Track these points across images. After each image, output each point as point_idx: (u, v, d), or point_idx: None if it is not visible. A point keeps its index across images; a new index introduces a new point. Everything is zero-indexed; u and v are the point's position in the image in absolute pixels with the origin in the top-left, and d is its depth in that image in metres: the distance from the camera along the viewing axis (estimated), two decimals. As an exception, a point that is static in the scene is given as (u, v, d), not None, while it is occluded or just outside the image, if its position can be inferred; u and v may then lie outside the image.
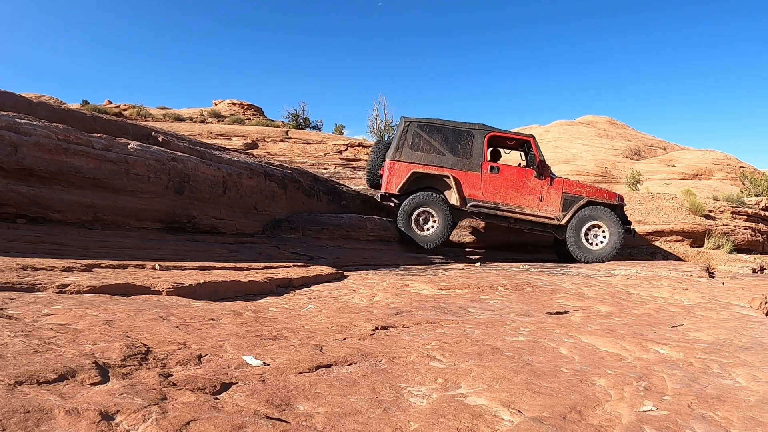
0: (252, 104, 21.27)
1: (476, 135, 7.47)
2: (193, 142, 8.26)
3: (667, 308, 3.62)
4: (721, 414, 1.54)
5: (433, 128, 7.56)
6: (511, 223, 7.48)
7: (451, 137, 7.51)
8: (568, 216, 7.28)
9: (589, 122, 34.32)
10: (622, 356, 2.23)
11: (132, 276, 3.37)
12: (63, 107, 7.99)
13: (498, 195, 7.41)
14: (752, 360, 2.19)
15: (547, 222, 7.37)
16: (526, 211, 7.38)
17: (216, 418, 1.23)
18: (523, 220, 7.43)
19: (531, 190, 7.40)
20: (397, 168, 7.51)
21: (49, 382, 1.34)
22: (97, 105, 17.85)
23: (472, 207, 7.40)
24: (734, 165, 25.47)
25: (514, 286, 4.39)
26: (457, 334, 2.50)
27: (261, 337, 2.15)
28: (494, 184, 7.41)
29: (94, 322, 2.11)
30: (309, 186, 8.85)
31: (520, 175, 7.47)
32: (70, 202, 5.22)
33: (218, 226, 6.74)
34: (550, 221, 7.35)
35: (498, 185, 7.41)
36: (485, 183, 7.42)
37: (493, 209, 7.38)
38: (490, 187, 7.41)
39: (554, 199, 7.36)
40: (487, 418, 1.42)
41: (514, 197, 7.40)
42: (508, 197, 7.40)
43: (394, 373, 1.81)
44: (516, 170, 7.57)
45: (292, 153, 12.86)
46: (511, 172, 7.52)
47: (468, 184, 7.42)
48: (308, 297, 3.71)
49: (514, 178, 7.44)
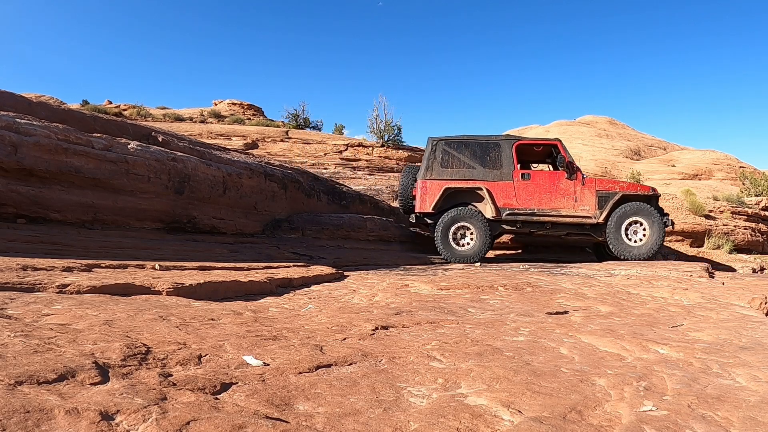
0: (252, 104, 21.27)
1: (503, 145, 7.49)
2: (193, 142, 8.26)
3: (667, 308, 3.62)
4: (721, 414, 1.54)
5: (460, 144, 7.60)
6: (548, 228, 7.41)
7: (479, 150, 7.54)
8: (605, 213, 7.21)
9: (589, 122, 34.32)
10: (622, 356, 2.23)
11: (132, 276, 3.37)
12: (63, 107, 7.99)
13: (532, 201, 7.37)
14: (752, 360, 2.19)
15: (585, 222, 7.29)
16: (562, 213, 7.32)
17: (216, 418, 1.23)
18: (560, 223, 7.36)
19: (564, 191, 7.36)
20: (429, 186, 7.53)
21: (49, 382, 1.34)
22: (97, 105, 17.86)
23: (508, 216, 7.36)
24: (734, 165, 25.46)
25: (514, 286, 4.39)
26: (457, 334, 2.50)
27: (261, 337, 2.15)
28: (527, 191, 7.39)
29: (94, 322, 2.11)
30: (309, 186, 8.86)
31: (552, 178, 7.44)
32: (70, 202, 5.22)
33: (218, 226, 6.74)
34: (587, 221, 7.28)
35: (531, 191, 7.39)
36: (518, 191, 7.40)
37: (529, 215, 7.33)
38: (523, 194, 7.39)
39: (589, 198, 7.31)
40: (487, 418, 1.42)
41: (548, 201, 7.35)
42: (542, 202, 7.36)
43: (394, 373, 1.81)
44: (547, 174, 7.56)
45: (292, 153, 12.87)
46: (543, 176, 7.50)
47: (501, 194, 7.41)
48: (308, 297, 3.71)
49: (546, 182, 7.41)
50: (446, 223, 7.41)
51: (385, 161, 13.34)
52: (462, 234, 7.44)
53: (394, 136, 14.32)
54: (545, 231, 7.49)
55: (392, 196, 10.59)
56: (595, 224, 7.31)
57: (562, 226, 7.44)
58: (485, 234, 7.34)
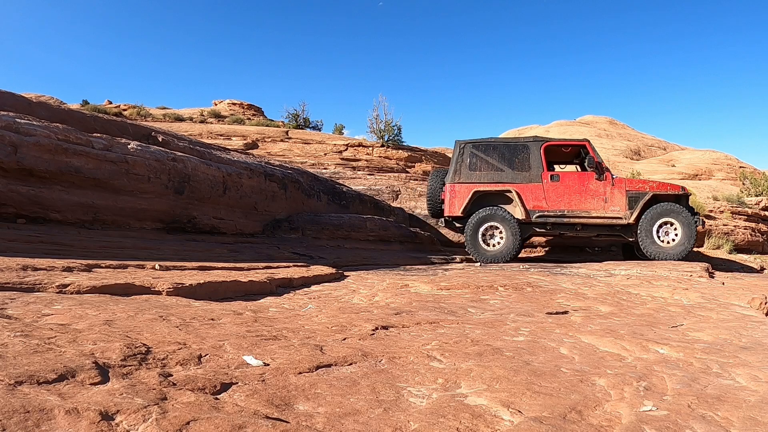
0: (252, 104, 21.27)
1: (532, 147, 7.46)
2: (193, 142, 8.26)
3: (667, 308, 3.62)
4: (721, 414, 1.54)
5: (488, 147, 7.58)
6: (578, 230, 7.35)
7: (507, 153, 7.51)
8: (636, 213, 7.13)
9: (589, 122, 34.33)
10: (622, 356, 2.23)
11: (132, 276, 3.37)
12: (63, 107, 7.99)
13: (562, 202, 7.32)
14: (752, 360, 2.19)
15: (615, 223, 7.22)
16: (593, 214, 7.25)
17: (216, 418, 1.23)
18: (590, 225, 7.30)
19: (594, 192, 7.29)
20: (458, 190, 7.51)
21: (49, 382, 1.34)
22: (97, 105, 17.85)
23: (538, 218, 7.31)
24: (734, 165, 25.47)
25: (514, 286, 4.39)
26: (457, 334, 2.50)
27: (261, 337, 2.15)
28: (557, 192, 7.34)
29: (94, 322, 2.11)
30: (309, 186, 8.86)
31: (581, 179, 7.38)
32: (70, 202, 5.22)
33: (218, 226, 6.74)
34: (617, 221, 7.20)
35: (561, 193, 7.33)
36: (548, 192, 7.35)
37: (559, 217, 7.28)
38: (553, 196, 7.34)
39: (619, 199, 7.24)
40: (487, 418, 1.42)
41: (578, 202, 7.29)
42: (572, 203, 7.30)
43: (394, 373, 1.81)
44: (576, 175, 7.50)
45: (292, 153, 12.86)
46: (572, 177, 7.44)
47: (530, 196, 7.37)
48: (308, 297, 3.71)
49: (575, 183, 7.36)
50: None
51: (385, 161, 13.34)
52: (491, 234, 7.40)
53: (394, 136, 14.32)
54: (575, 233, 7.42)
55: (392, 196, 10.59)
56: (626, 225, 7.23)
57: (592, 228, 7.37)
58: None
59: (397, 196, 10.62)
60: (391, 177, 11.63)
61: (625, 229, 7.32)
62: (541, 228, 7.43)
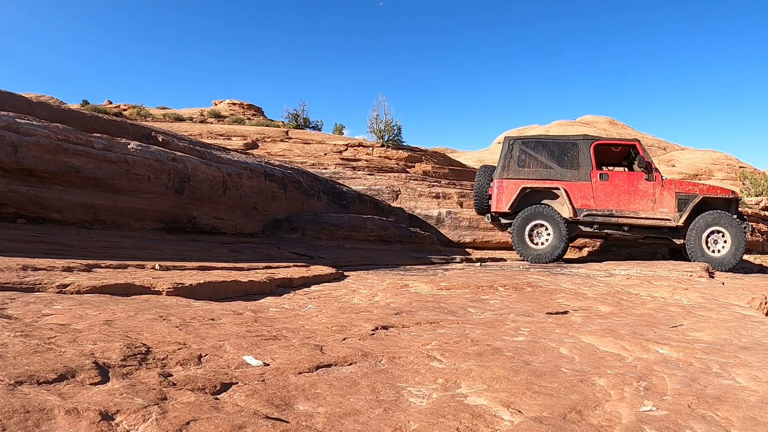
0: (252, 104, 21.26)
1: (581, 145, 7.40)
2: (193, 142, 8.26)
3: (667, 308, 3.62)
4: (721, 414, 1.54)
5: (537, 143, 7.54)
6: (625, 231, 7.25)
7: (557, 150, 7.46)
8: (685, 216, 7.03)
9: (589, 122, 34.33)
10: (622, 356, 2.23)
11: (132, 276, 3.37)
12: (63, 107, 7.99)
13: (610, 202, 7.23)
14: (752, 360, 2.19)
15: (664, 224, 7.13)
16: (641, 215, 7.16)
17: (216, 418, 1.23)
18: (638, 226, 7.20)
19: (643, 193, 7.20)
20: (506, 186, 7.46)
21: (49, 382, 1.34)
22: (97, 105, 17.84)
23: (586, 216, 7.24)
24: (734, 165, 25.46)
25: (514, 286, 4.39)
26: (457, 334, 2.50)
27: (261, 337, 2.15)
28: (605, 192, 7.26)
29: (94, 322, 2.11)
30: (309, 186, 8.86)
31: (631, 179, 7.29)
32: (70, 202, 5.22)
33: (218, 226, 6.74)
34: (666, 223, 7.11)
35: (609, 192, 7.25)
36: (596, 191, 7.27)
37: (608, 217, 7.20)
38: (601, 195, 7.26)
39: (668, 200, 7.13)
40: (487, 418, 1.42)
41: (627, 203, 7.21)
42: (621, 203, 7.21)
43: (394, 373, 1.81)
44: (626, 175, 7.43)
45: (292, 153, 12.85)
46: (621, 177, 7.36)
47: (578, 194, 7.29)
48: (308, 297, 3.71)
49: (624, 183, 7.27)
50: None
51: (385, 161, 13.33)
52: (538, 233, 7.34)
53: (394, 136, 14.31)
54: (622, 233, 7.32)
55: (392, 196, 10.59)
56: (674, 227, 7.12)
57: (640, 229, 7.26)
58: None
59: (397, 196, 10.62)
60: (391, 177, 11.62)
61: (672, 232, 7.19)
62: (588, 227, 7.33)
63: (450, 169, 14.22)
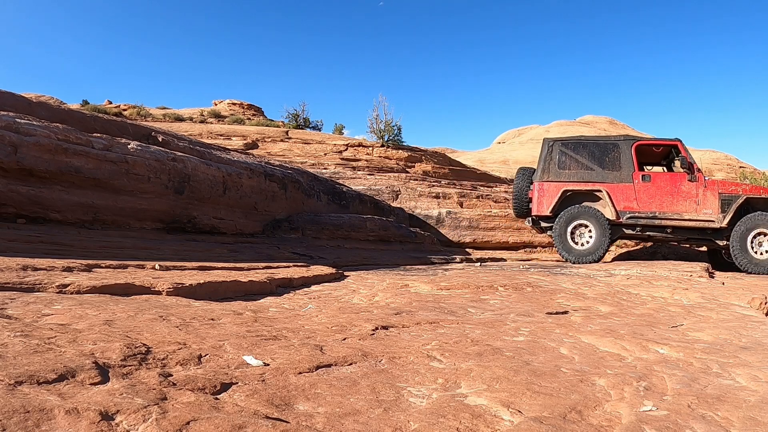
0: (252, 104, 21.27)
1: (622, 146, 7.31)
2: (193, 142, 8.26)
3: (667, 308, 3.62)
4: (721, 414, 1.54)
5: (577, 145, 7.46)
6: (668, 233, 7.16)
7: (598, 152, 7.37)
8: (728, 217, 6.90)
9: (589, 122, 34.33)
10: (622, 356, 2.23)
11: (132, 276, 3.37)
12: (63, 107, 7.99)
13: (653, 204, 7.13)
14: (752, 360, 2.19)
15: (707, 226, 7.01)
16: (685, 216, 7.05)
17: (216, 418, 1.23)
18: (681, 227, 7.10)
19: (686, 194, 7.08)
20: (547, 188, 7.38)
21: (49, 382, 1.34)
22: (97, 105, 17.85)
23: (629, 219, 7.15)
24: (734, 165, 25.46)
25: (514, 286, 4.39)
26: (457, 334, 2.50)
27: (261, 337, 2.15)
28: (648, 193, 7.15)
29: (94, 322, 2.11)
30: (309, 186, 8.86)
31: (673, 180, 7.18)
32: (70, 202, 5.22)
33: (218, 226, 6.74)
34: (709, 225, 6.99)
35: (652, 194, 7.14)
36: (639, 193, 7.17)
37: (651, 219, 7.11)
38: (644, 197, 7.16)
39: (711, 201, 7.00)
40: (487, 418, 1.42)
41: (670, 204, 7.09)
42: (664, 205, 7.10)
43: (394, 373, 1.81)
44: (668, 176, 7.34)
45: (292, 153, 12.86)
46: (664, 178, 7.27)
47: (620, 196, 7.20)
48: (308, 297, 3.72)
49: (667, 184, 7.16)
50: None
51: (385, 161, 13.34)
52: (580, 233, 7.27)
53: (394, 136, 14.32)
54: (664, 235, 7.23)
55: (392, 196, 10.59)
56: (717, 229, 7.00)
57: (683, 231, 7.16)
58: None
59: (397, 196, 10.62)
60: (391, 177, 11.62)
61: (716, 234, 7.09)
62: (631, 229, 7.24)
63: (450, 169, 14.22)
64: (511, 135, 36.03)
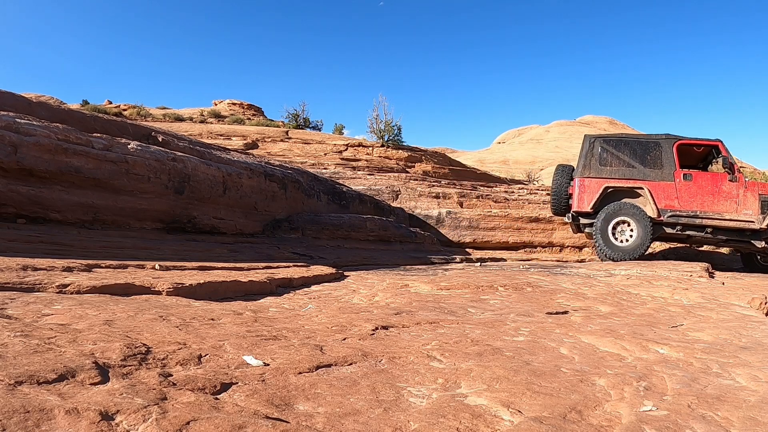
0: (252, 104, 21.27)
1: (664, 144, 7.31)
2: (193, 142, 8.26)
3: (667, 308, 3.62)
4: (721, 414, 1.54)
5: (619, 142, 7.45)
6: (708, 233, 7.12)
7: (639, 149, 7.35)
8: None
9: (589, 122, 34.33)
10: (622, 356, 2.23)
11: (132, 276, 3.37)
12: (63, 107, 7.99)
13: (694, 203, 7.11)
14: (752, 360, 2.19)
15: (747, 227, 6.98)
16: (725, 217, 7.02)
17: (216, 418, 1.23)
18: (721, 228, 7.08)
19: (727, 194, 7.07)
20: (588, 184, 7.35)
21: (49, 382, 1.34)
22: (97, 105, 17.85)
23: (670, 217, 7.12)
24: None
25: (514, 286, 4.39)
26: (457, 334, 2.50)
27: (261, 337, 2.15)
28: (689, 192, 7.14)
29: (94, 322, 2.11)
30: (309, 186, 8.86)
31: (715, 180, 7.16)
32: (70, 202, 5.22)
33: (218, 226, 6.74)
34: (749, 225, 6.96)
35: (693, 193, 7.13)
36: (680, 191, 7.15)
37: (692, 218, 7.09)
38: (685, 196, 7.14)
39: (751, 203, 6.98)
40: (487, 418, 1.42)
41: (711, 204, 7.08)
42: (704, 204, 7.08)
43: (394, 373, 1.81)
44: (710, 176, 7.31)
45: (292, 153, 12.86)
46: (705, 177, 7.24)
47: (662, 194, 7.19)
48: (308, 297, 3.71)
49: (708, 183, 7.14)
50: (607, 215, 7.20)
51: (385, 161, 13.33)
52: (621, 230, 7.23)
53: (394, 136, 14.32)
54: (703, 235, 7.19)
55: (392, 196, 10.59)
56: (757, 230, 6.99)
57: (722, 231, 7.13)
58: (646, 231, 7.08)
59: (397, 196, 10.61)
60: (391, 177, 11.62)
61: (754, 235, 7.06)
62: (671, 228, 7.21)
63: (450, 169, 14.22)
64: (511, 135, 36.02)
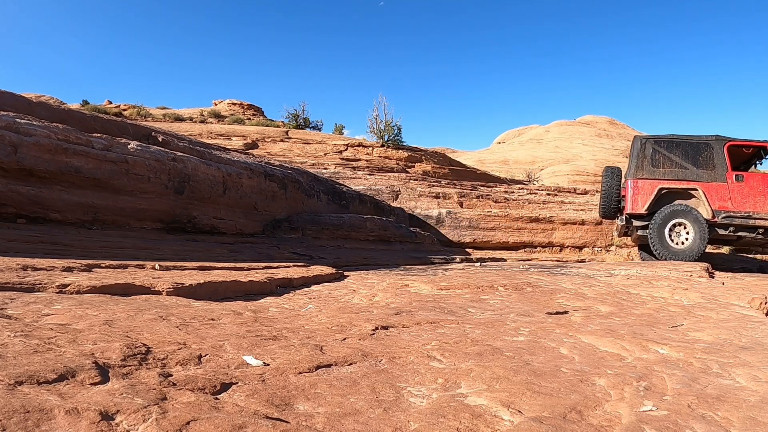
0: (252, 104, 21.27)
1: (715, 146, 7.30)
2: (193, 142, 8.26)
3: (667, 308, 3.62)
4: (721, 414, 1.54)
5: (670, 143, 7.42)
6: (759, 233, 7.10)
7: (691, 150, 7.33)
8: None
9: (589, 122, 34.34)
10: (622, 356, 2.23)
11: (132, 276, 3.37)
12: (63, 107, 7.99)
13: (747, 203, 7.10)
14: (752, 360, 2.19)
15: None
16: None
17: (216, 418, 1.23)
18: None
19: None
20: (641, 186, 7.32)
21: (49, 382, 1.34)
22: (97, 105, 17.85)
23: (724, 218, 7.11)
24: (734, 165, 25.44)
25: (514, 286, 4.39)
26: (457, 334, 2.50)
27: (261, 337, 2.15)
28: (742, 193, 7.14)
29: (94, 322, 2.11)
30: (309, 186, 8.85)
31: (765, 180, 7.17)
32: (70, 202, 5.22)
33: (218, 226, 6.74)
34: None
35: (746, 194, 7.13)
36: (732, 192, 7.15)
37: (745, 218, 7.07)
38: (738, 197, 7.14)
39: None
40: (487, 418, 1.42)
41: (763, 204, 7.07)
42: (757, 205, 7.08)
43: (394, 373, 1.81)
44: (761, 176, 7.33)
45: (292, 153, 12.86)
46: (756, 178, 7.26)
47: (715, 195, 7.17)
48: (308, 297, 3.71)
49: (760, 184, 7.15)
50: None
51: (385, 161, 13.34)
52: (677, 232, 7.21)
53: (394, 136, 14.33)
54: (755, 236, 7.18)
55: (392, 196, 10.59)
56: None
57: None
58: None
59: (397, 196, 10.61)
60: (391, 177, 11.62)
61: None
62: (724, 229, 7.18)
63: (450, 169, 14.22)
64: (511, 135, 36.03)
